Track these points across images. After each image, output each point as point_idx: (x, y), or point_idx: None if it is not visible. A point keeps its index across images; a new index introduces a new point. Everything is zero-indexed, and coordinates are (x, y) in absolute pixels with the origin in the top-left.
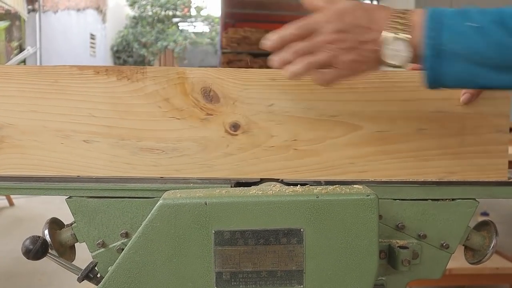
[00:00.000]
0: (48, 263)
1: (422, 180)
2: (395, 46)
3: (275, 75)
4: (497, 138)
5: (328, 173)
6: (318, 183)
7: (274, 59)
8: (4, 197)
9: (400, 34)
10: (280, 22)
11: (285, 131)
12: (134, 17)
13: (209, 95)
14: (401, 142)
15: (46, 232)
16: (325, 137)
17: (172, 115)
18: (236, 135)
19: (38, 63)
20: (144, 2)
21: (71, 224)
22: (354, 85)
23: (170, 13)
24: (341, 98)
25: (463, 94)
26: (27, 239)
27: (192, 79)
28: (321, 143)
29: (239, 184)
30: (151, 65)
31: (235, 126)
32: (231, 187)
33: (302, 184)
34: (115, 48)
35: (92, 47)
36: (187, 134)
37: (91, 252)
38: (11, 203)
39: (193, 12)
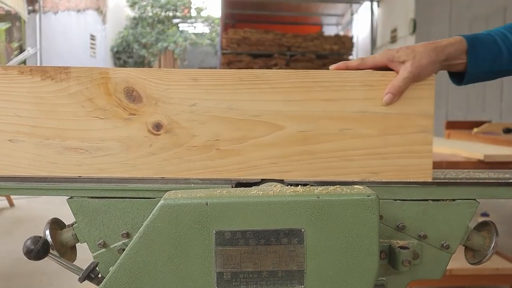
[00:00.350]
0: (48, 264)
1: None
2: None
3: (197, 75)
4: (422, 138)
5: (251, 172)
6: (319, 183)
7: None
8: (4, 197)
9: None
10: (280, 23)
11: (207, 131)
12: (134, 18)
13: (132, 95)
14: (324, 142)
15: (47, 232)
16: (247, 137)
17: (95, 115)
18: (159, 134)
19: (38, 64)
20: (144, 3)
21: (72, 224)
22: (276, 85)
23: (170, 14)
24: (263, 98)
25: (385, 95)
26: (28, 239)
27: (115, 79)
28: (243, 143)
29: (240, 184)
30: (151, 66)
31: (158, 126)
32: (232, 187)
33: (303, 185)
34: (115, 49)
35: (92, 48)
36: (111, 134)
37: (92, 252)
38: (11, 204)
39: (193, 13)
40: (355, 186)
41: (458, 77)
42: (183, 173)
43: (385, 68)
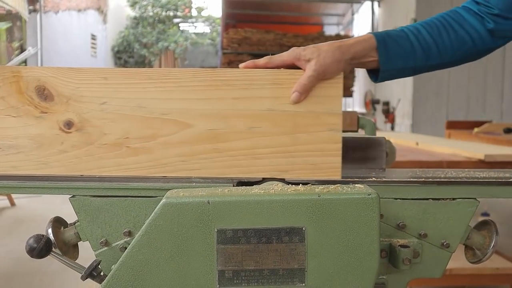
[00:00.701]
0: (49, 263)
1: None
2: None
3: (107, 74)
4: (330, 137)
5: (161, 170)
6: (320, 182)
7: None
8: (5, 197)
9: None
10: (280, 22)
11: (118, 129)
12: (135, 18)
13: (43, 93)
14: (233, 140)
15: (50, 230)
16: (156, 135)
17: (7, 113)
18: (70, 132)
19: (39, 64)
20: (145, 3)
21: (75, 223)
22: (184, 83)
23: (171, 13)
24: (171, 96)
25: (292, 93)
26: (31, 237)
27: (27, 78)
28: (153, 141)
29: (241, 183)
30: (151, 66)
31: (69, 124)
32: (233, 186)
33: (304, 183)
34: (116, 49)
35: (93, 47)
36: (23, 132)
37: (94, 250)
38: (12, 203)
39: (194, 12)
40: (356, 185)
41: (376, 74)
42: (95, 171)
43: (293, 66)
